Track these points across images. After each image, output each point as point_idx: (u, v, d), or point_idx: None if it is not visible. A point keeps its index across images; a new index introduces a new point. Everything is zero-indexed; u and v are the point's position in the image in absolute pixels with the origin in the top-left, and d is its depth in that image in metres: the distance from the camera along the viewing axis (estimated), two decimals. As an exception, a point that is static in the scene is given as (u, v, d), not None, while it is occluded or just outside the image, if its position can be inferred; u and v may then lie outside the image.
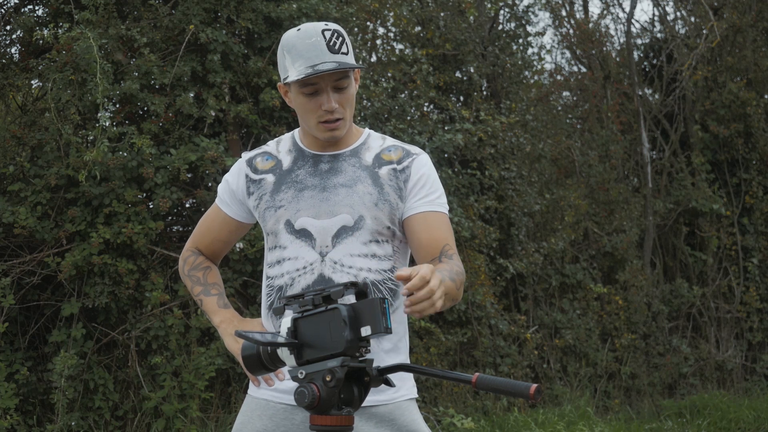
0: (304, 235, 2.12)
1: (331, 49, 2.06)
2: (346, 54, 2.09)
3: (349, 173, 2.17)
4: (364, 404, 2.04)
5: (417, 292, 1.70)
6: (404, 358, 2.19)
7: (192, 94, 5.82)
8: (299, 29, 2.11)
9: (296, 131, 2.29)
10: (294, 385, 2.07)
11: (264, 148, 2.29)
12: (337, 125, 2.13)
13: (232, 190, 2.26)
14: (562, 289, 8.47)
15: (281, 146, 2.27)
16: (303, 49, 2.06)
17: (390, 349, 2.14)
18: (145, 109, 5.81)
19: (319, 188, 2.15)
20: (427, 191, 2.17)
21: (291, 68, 2.09)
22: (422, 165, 2.20)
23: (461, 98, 8.39)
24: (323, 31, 2.08)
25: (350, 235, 2.11)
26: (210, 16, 5.88)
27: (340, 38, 2.08)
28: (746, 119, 9.94)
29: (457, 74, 8.28)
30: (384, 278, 2.13)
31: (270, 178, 2.21)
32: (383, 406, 2.12)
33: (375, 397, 2.07)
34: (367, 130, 2.28)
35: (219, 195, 2.31)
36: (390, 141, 2.26)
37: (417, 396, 2.24)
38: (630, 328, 8.69)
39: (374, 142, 2.24)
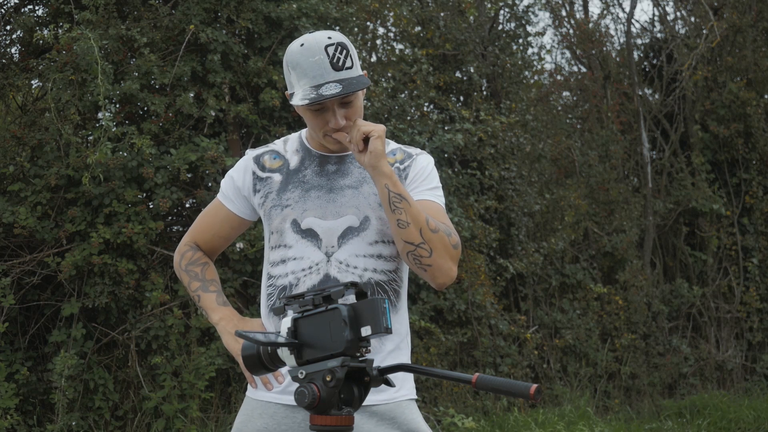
0: (310, 235, 2.12)
1: (335, 67, 2.04)
2: (351, 68, 2.06)
3: (355, 174, 2.18)
4: (364, 404, 2.04)
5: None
6: (406, 358, 2.20)
7: (192, 94, 5.82)
8: (302, 44, 2.07)
9: (303, 132, 2.29)
10: (293, 383, 2.08)
11: (271, 146, 2.29)
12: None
13: (237, 187, 2.26)
14: (562, 289, 8.47)
15: (288, 146, 2.27)
16: (307, 67, 2.04)
17: (392, 349, 2.15)
18: (145, 109, 5.81)
19: (326, 189, 2.16)
20: (419, 183, 2.18)
21: (296, 85, 2.08)
22: (420, 162, 2.22)
23: (461, 98, 8.39)
24: (327, 47, 2.04)
25: (356, 235, 2.12)
26: (210, 16, 5.88)
27: (344, 51, 2.06)
28: (746, 119, 9.94)
29: (457, 74, 8.28)
30: (389, 279, 2.14)
31: (277, 177, 2.21)
32: (384, 405, 2.12)
33: (375, 396, 2.08)
34: None
35: (222, 191, 2.30)
36: (394, 145, 2.27)
37: (417, 397, 2.24)
38: (630, 328, 8.70)
39: None
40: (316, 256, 2.11)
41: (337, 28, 6.36)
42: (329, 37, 2.07)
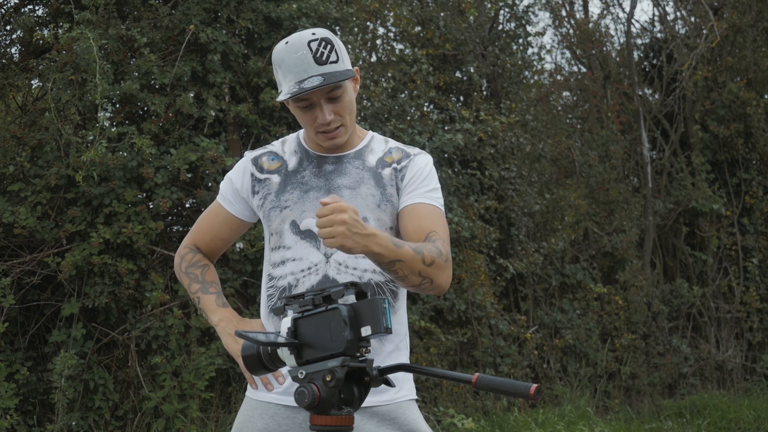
0: (309, 236, 2.12)
1: (318, 61, 2.05)
2: (336, 62, 2.07)
3: (353, 175, 2.17)
4: (365, 404, 2.04)
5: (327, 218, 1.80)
6: (405, 358, 2.20)
7: (192, 94, 5.82)
8: (287, 42, 2.09)
9: (300, 132, 2.29)
10: (294, 385, 2.08)
11: (269, 147, 2.29)
12: (337, 133, 2.13)
13: (236, 189, 2.26)
14: (562, 289, 8.47)
15: (286, 147, 2.27)
16: (291, 63, 2.06)
17: (392, 350, 2.15)
18: (145, 109, 5.81)
19: (324, 190, 2.16)
20: (418, 185, 2.17)
21: (283, 83, 2.10)
22: (418, 163, 2.21)
23: (461, 98, 8.39)
24: (309, 42, 2.06)
25: None
26: (210, 16, 5.88)
27: (328, 46, 2.07)
28: (746, 119, 9.94)
29: (457, 74, 8.28)
30: (387, 279, 2.13)
31: (276, 178, 2.21)
32: (384, 406, 2.12)
33: (376, 397, 2.08)
34: (370, 132, 2.29)
35: (221, 192, 2.30)
36: (393, 143, 2.27)
37: (417, 397, 2.24)
38: (630, 328, 8.70)
39: (377, 144, 2.25)
40: (314, 257, 2.11)
41: (338, 28, 6.36)
42: (313, 33, 2.09)
